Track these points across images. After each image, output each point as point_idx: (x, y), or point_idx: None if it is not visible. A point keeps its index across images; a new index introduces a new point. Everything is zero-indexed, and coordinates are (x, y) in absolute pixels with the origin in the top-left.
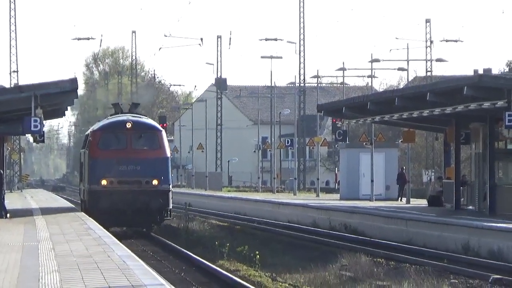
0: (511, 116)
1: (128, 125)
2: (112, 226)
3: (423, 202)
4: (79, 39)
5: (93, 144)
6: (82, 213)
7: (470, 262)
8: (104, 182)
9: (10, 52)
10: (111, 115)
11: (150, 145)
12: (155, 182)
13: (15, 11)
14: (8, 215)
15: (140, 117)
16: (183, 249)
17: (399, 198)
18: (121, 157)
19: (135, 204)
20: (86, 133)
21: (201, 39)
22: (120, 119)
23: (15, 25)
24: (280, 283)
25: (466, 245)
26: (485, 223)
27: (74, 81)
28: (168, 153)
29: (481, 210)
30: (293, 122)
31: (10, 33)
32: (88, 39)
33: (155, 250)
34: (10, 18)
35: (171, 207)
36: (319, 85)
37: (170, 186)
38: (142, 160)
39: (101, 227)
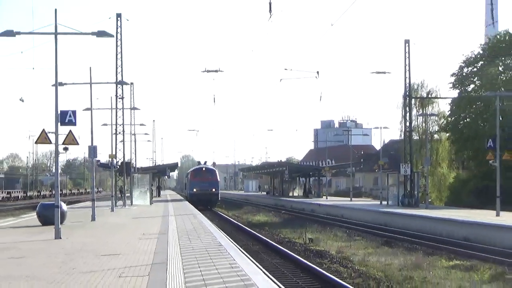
0: (286, 173)
1: (203, 169)
2: (196, 206)
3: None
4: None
5: (191, 176)
6: (186, 202)
7: (279, 208)
8: (194, 189)
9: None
10: (197, 165)
11: (211, 177)
12: (213, 190)
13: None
14: (157, 198)
15: (207, 166)
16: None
17: (261, 192)
18: (201, 181)
19: (206, 198)
20: (187, 172)
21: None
22: (200, 166)
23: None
24: (243, 216)
25: (283, 204)
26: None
27: (176, 164)
28: (219, 179)
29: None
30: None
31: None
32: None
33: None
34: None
35: (219, 199)
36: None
37: (219, 191)
38: (208, 182)
39: (192, 206)
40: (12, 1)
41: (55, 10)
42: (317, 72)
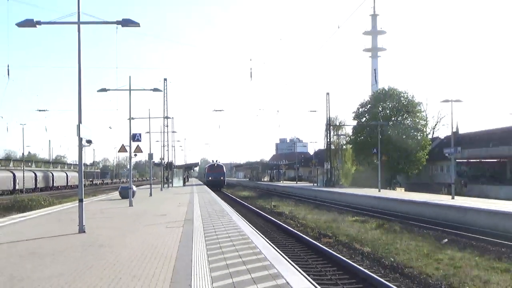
0: (260, 168)
1: (215, 165)
2: (211, 188)
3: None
4: None
5: (207, 169)
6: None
7: (256, 188)
8: (210, 178)
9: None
10: (211, 163)
11: (219, 170)
12: (222, 178)
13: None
14: (185, 184)
15: (218, 163)
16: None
17: (246, 179)
18: (213, 172)
19: (216, 183)
20: (204, 167)
21: None
22: (213, 163)
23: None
24: (235, 192)
25: (263, 187)
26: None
27: (198, 163)
28: (225, 171)
29: (260, 181)
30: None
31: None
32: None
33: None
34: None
35: (225, 184)
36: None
37: (226, 179)
38: (218, 173)
39: (208, 188)
40: (99, 71)
41: (129, 77)
42: (277, 110)
